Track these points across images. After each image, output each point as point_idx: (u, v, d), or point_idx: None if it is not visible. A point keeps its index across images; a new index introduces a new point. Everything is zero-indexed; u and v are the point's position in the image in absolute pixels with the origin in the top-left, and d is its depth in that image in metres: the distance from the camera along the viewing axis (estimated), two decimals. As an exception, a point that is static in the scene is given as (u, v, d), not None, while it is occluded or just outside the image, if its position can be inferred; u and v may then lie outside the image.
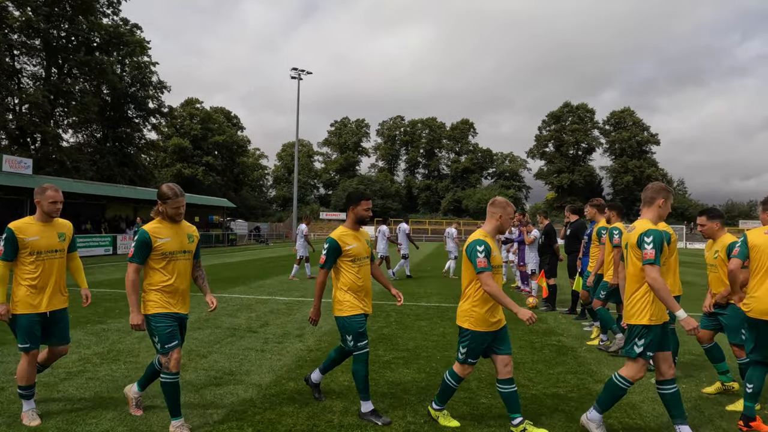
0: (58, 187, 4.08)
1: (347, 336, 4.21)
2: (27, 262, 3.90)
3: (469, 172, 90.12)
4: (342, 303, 4.23)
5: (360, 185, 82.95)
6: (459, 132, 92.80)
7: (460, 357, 3.97)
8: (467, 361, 3.94)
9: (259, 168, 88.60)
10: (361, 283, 4.27)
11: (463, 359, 3.95)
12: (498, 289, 3.76)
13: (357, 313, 4.20)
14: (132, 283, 3.72)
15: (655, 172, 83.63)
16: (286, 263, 20.72)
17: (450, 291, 12.43)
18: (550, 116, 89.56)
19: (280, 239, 55.57)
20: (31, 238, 3.89)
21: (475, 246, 3.80)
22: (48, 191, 3.98)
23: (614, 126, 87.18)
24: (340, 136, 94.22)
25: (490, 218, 4.03)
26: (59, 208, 4.02)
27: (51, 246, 3.98)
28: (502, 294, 3.76)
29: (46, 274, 3.95)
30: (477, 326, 3.89)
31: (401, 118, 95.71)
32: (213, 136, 67.74)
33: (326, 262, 4.24)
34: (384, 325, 7.96)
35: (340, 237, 4.28)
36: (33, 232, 3.92)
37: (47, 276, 3.96)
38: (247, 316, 8.58)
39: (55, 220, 4.06)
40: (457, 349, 4.01)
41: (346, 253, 4.23)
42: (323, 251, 4.29)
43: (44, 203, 3.96)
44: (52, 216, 4.03)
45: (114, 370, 5.37)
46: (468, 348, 3.91)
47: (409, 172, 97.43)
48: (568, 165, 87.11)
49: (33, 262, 3.91)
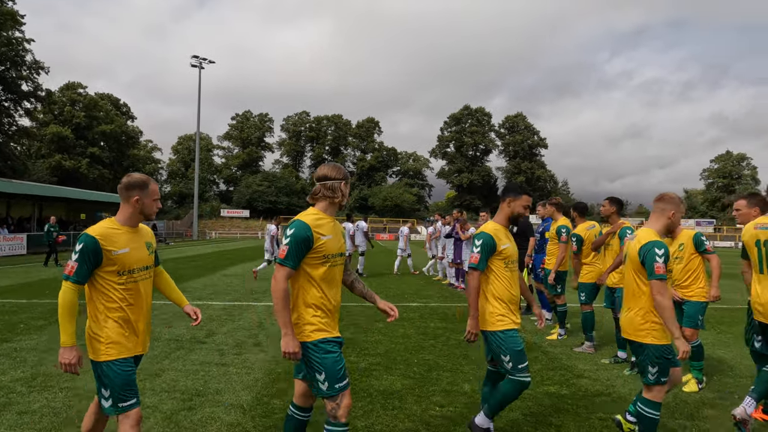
0: None
1: (503, 356, 3.45)
2: (115, 285, 2.74)
3: (375, 170, 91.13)
4: (493, 315, 3.52)
5: (264, 182, 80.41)
6: (365, 130, 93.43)
7: (650, 379, 3.35)
8: (660, 380, 3.36)
9: (151, 161, 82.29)
10: (514, 291, 3.61)
11: (654, 380, 3.35)
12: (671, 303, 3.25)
13: (512, 328, 3.50)
14: (284, 293, 2.71)
15: (544, 174, 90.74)
16: (202, 264, 19.32)
17: (386, 289, 12.27)
18: (451, 118, 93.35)
19: (180, 238, 51.99)
20: (121, 250, 2.74)
21: (653, 248, 3.27)
22: (151, 184, 2.90)
23: (509, 130, 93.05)
24: (242, 131, 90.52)
25: (659, 216, 3.51)
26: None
27: (142, 261, 2.86)
28: (672, 309, 3.24)
29: (139, 302, 2.84)
30: (662, 339, 3.34)
31: (306, 113, 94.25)
32: (99, 125, 61.55)
33: (480, 261, 3.51)
34: (341, 328, 7.54)
35: (495, 233, 3.56)
36: (122, 242, 2.76)
37: (141, 304, 2.85)
38: (185, 325, 7.71)
39: (139, 225, 2.95)
40: (646, 370, 3.36)
41: (500, 252, 3.55)
42: (475, 249, 3.54)
43: (146, 201, 2.86)
44: (151, 219, 3.10)
45: (50, 399, 4.45)
46: (659, 366, 3.33)
47: (314, 169, 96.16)
48: (468, 165, 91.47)
49: (123, 285, 2.76)
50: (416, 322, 8.15)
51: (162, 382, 4.93)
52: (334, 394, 2.74)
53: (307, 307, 2.79)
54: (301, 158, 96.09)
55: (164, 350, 6.16)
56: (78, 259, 2.66)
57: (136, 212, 2.85)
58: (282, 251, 2.73)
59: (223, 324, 7.80)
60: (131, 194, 2.84)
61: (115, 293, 2.76)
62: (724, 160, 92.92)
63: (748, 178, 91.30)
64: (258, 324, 7.81)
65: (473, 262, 3.53)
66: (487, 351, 3.65)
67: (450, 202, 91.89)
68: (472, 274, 3.55)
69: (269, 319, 8.22)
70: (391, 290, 12.20)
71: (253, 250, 31.05)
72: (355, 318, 8.42)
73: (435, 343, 6.76)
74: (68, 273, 2.66)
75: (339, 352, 2.83)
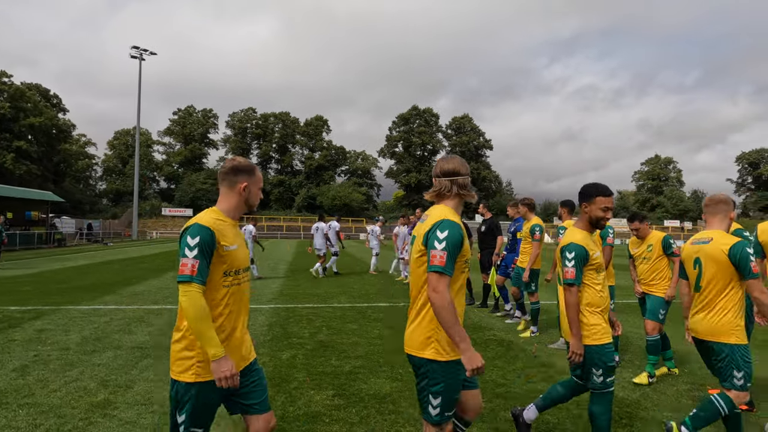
0: None
1: (594, 369, 3.24)
2: (219, 287, 2.36)
3: (323, 168, 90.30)
4: (593, 327, 3.25)
5: (209, 179, 77.76)
6: (313, 128, 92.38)
7: (737, 384, 3.31)
8: (746, 386, 3.33)
9: (85, 157, 77.59)
10: (607, 297, 3.35)
11: (742, 385, 3.31)
12: None
13: (609, 342, 3.29)
14: (453, 305, 2.37)
15: (489, 174, 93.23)
16: (149, 266, 18.35)
17: (350, 290, 12.11)
18: (399, 118, 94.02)
19: (119, 238, 49.31)
20: (231, 246, 2.38)
21: (745, 248, 3.29)
22: (257, 170, 2.57)
23: (455, 130, 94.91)
24: (184, 126, 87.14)
25: (723, 217, 3.55)
26: None
27: (246, 260, 2.51)
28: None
29: (239, 308, 2.45)
30: (744, 339, 3.36)
31: (253, 110, 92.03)
32: (27, 118, 57.28)
33: (577, 276, 3.23)
34: (314, 331, 7.35)
35: (584, 242, 3.27)
36: (231, 237, 2.41)
37: (242, 310, 2.47)
38: (146, 330, 7.24)
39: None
40: (730, 375, 3.34)
41: (592, 261, 3.27)
42: (567, 262, 3.25)
43: (254, 189, 2.53)
44: (252, 212, 2.75)
45: (10, 419, 4.00)
46: (745, 369, 3.32)
47: (261, 167, 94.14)
48: (416, 165, 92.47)
49: (228, 288, 2.38)
50: (388, 322, 8.06)
51: (135, 395, 4.56)
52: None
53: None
54: (247, 156, 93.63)
55: (129, 359, 5.73)
56: (198, 255, 2.25)
57: (242, 202, 2.50)
58: (442, 258, 2.38)
59: (187, 329, 7.38)
60: (238, 180, 2.48)
61: (218, 298, 2.36)
62: (653, 164, 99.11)
63: (674, 181, 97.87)
64: (226, 328, 7.45)
65: (570, 277, 3.22)
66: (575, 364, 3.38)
67: (398, 202, 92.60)
68: (570, 290, 3.23)
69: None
70: (354, 290, 12.05)
71: (201, 251, 29.90)
72: (326, 320, 8.22)
73: (413, 343, 6.69)
74: (191, 273, 2.23)
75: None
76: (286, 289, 12.12)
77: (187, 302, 2.21)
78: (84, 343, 6.40)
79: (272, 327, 7.60)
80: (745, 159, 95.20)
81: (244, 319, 2.51)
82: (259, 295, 10.94)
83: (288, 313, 8.78)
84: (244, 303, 2.49)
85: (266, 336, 7.00)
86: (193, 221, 2.36)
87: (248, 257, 2.61)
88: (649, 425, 4.09)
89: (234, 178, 2.49)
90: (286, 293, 11.35)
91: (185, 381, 2.33)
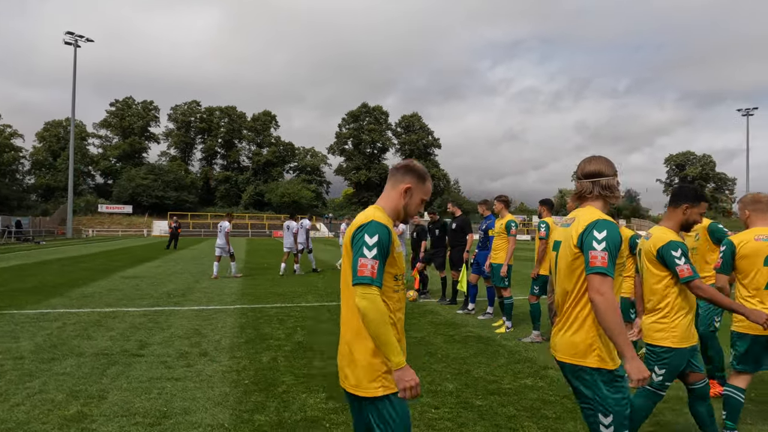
0: None
1: (658, 368, 3.18)
2: (390, 292, 2.16)
3: (272, 165, 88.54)
4: (680, 328, 3.15)
5: (149, 175, 74.39)
6: (260, 123, 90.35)
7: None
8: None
9: (10, 149, 72.24)
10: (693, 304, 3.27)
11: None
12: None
13: (692, 344, 3.20)
14: (617, 308, 2.27)
15: (438, 173, 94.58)
16: (92, 266, 17.26)
17: (314, 288, 11.88)
18: (349, 115, 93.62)
19: (52, 237, 46.18)
20: (398, 248, 2.21)
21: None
22: (429, 181, 2.34)
23: (405, 129, 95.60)
24: (123, 118, 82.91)
25: (764, 215, 3.68)
26: None
27: (404, 264, 2.34)
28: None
29: (402, 315, 2.26)
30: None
31: (197, 103, 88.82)
32: (-57, 105, 52.50)
33: (694, 270, 3.10)
34: (289, 332, 7.12)
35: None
36: (396, 238, 2.20)
37: (403, 317, 2.28)
38: (107, 335, 6.75)
39: None
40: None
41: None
42: (679, 260, 3.10)
43: (416, 198, 2.30)
44: (403, 222, 2.43)
45: (-28, 437, 3.59)
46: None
47: (206, 163, 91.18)
48: (366, 162, 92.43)
49: (397, 294, 2.20)
50: (363, 321, 7.94)
51: (112, 405, 4.22)
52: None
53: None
54: (190, 150, 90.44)
55: (95, 366, 5.31)
56: (377, 255, 2.05)
57: (399, 205, 2.27)
58: (603, 259, 2.27)
59: (151, 333, 6.95)
60: (405, 180, 2.26)
61: (390, 303, 2.13)
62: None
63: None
64: (194, 331, 7.08)
65: (689, 274, 3.07)
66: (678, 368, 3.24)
67: (347, 199, 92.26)
68: (700, 287, 3.10)
69: (204, 325, 7.50)
70: (320, 288, 11.82)
71: (145, 249, 28.51)
72: (299, 320, 7.99)
73: (393, 342, 6.61)
74: (371, 275, 2.02)
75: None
76: (246, 288, 11.72)
77: (369, 306, 1.99)
78: (39, 351, 5.88)
79: (244, 328, 7.30)
80: (672, 161, 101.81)
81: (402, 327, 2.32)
82: (221, 295, 10.51)
83: (256, 314, 8.47)
84: (403, 310, 2.32)
85: (240, 338, 6.71)
86: (369, 218, 2.13)
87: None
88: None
89: (401, 177, 2.28)
90: (248, 293, 10.97)
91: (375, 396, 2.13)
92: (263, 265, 18.53)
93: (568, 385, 2.59)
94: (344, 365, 2.21)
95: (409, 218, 2.34)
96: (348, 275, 2.13)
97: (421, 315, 8.60)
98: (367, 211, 2.21)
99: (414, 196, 2.28)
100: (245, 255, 24.09)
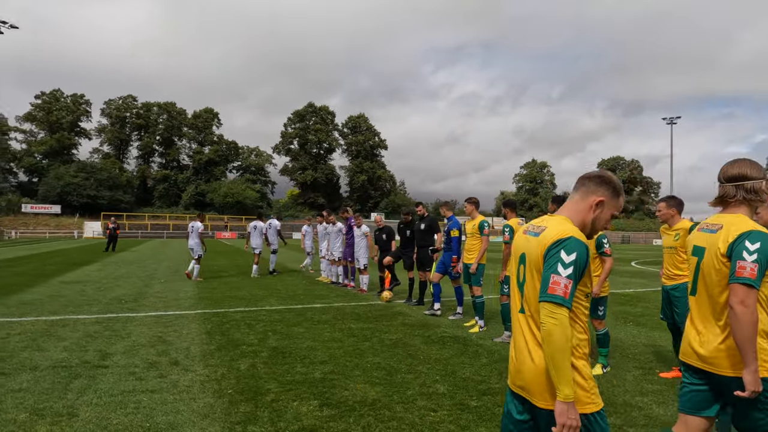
0: None
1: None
2: (581, 311, 2.02)
3: (214, 164, 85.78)
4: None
5: (80, 173, 70.04)
6: (202, 121, 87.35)
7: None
8: None
9: None
10: None
11: None
12: None
13: None
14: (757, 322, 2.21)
15: (385, 174, 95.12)
16: (25, 270, 15.97)
17: (275, 291, 11.54)
18: (295, 114, 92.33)
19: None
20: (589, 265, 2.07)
21: None
22: (623, 197, 2.13)
23: (351, 129, 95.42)
24: (49, 112, 77.60)
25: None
26: None
27: None
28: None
29: (587, 336, 2.09)
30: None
31: (133, 98, 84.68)
32: None
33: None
34: (261, 337, 6.83)
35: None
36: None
37: (588, 337, 2.11)
38: (60, 346, 6.21)
39: None
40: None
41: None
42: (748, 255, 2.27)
43: (607, 212, 2.11)
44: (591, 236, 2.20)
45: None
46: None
47: (143, 161, 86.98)
48: (312, 162, 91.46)
49: (585, 313, 2.05)
50: (335, 324, 7.77)
51: (86, 423, 3.84)
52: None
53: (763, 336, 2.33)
54: (126, 148, 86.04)
55: (56, 381, 4.85)
56: (572, 275, 1.90)
57: (588, 219, 2.10)
58: (752, 271, 2.16)
59: (110, 342, 6.46)
60: (597, 192, 2.09)
61: (579, 323, 2.00)
62: (531, 167, 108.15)
63: (548, 183, 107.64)
64: (158, 338, 6.65)
65: (751, 276, 2.25)
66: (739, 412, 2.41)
67: (293, 200, 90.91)
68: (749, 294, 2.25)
69: (166, 331, 7.07)
70: (280, 291, 11.50)
71: (81, 252, 26.76)
72: (268, 324, 7.70)
73: (371, 345, 6.49)
74: (563, 295, 1.87)
75: None
76: (203, 293, 11.20)
77: (558, 328, 1.85)
78: (-16, 365, 5.30)
79: (212, 334, 6.94)
80: (604, 165, 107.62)
81: None
82: (177, 300, 9.98)
83: (221, 319, 8.09)
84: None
85: (209, 345, 6.36)
86: (567, 233, 1.97)
87: None
88: (629, 408, 4.34)
89: (594, 188, 2.11)
90: (205, 297, 10.48)
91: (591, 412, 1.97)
92: (213, 267, 17.83)
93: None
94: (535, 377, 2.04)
95: (594, 234, 2.18)
96: (532, 286, 2.02)
97: (392, 317, 8.52)
98: (560, 224, 2.04)
99: (605, 211, 2.11)
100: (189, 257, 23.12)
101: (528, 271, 2.06)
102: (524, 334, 2.06)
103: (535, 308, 1.99)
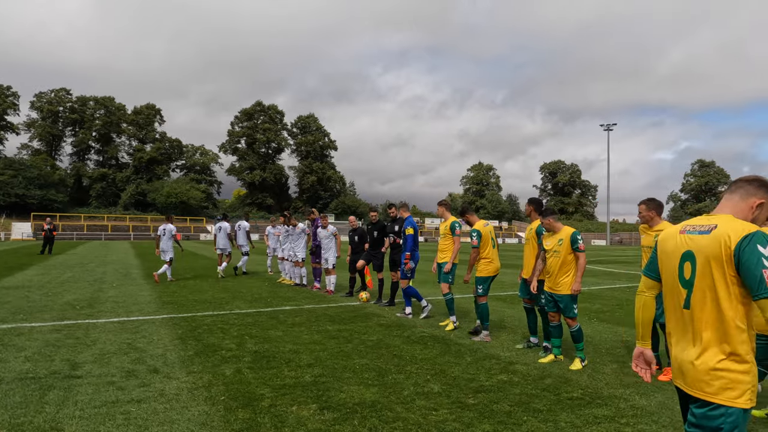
0: None
1: None
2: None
3: (156, 162, 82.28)
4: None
5: (7, 170, 65.30)
6: (143, 117, 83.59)
7: None
8: None
9: None
10: None
11: None
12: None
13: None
14: None
15: (335, 174, 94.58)
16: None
17: (239, 294, 11.24)
18: (242, 113, 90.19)
19: None
20: None
21: None
22: None
23: (301, 129, 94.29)
24: (-29, 104, 71.80)
25: None
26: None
27: None
28: None
29: None
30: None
31: (66, 91, 79.84)
32: None
33: None
34: (239, 341, 6.64)
35: None
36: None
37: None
38: (21, 356, 5.77)
39: None
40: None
41: None
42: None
43: (765, 213, 2.26)
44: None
45: None
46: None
47: (77, 158, 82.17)
48: (260, 162, 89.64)
49: None
50: (311, 326, 7.66)
51: (75, 438, 3.60)
52: None
53: None
54: (58, 144, 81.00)
55: (27, 393, 4.50)
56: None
57: (749, 218, 2.24)
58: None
59: (76, 350, 6.07)
60: (757, 194, 2.24)
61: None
62: (477, 170, 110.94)
63: (494, 185, 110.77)
64: (128, 345, 6.32)
65: None
66: None
67: (240, 200, 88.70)
68: None
69: (135, 338, 6.73)
70: (245, 294, 11.20)
71: (14, 255, 24.94)
72: (242, 328, 7.49)
73: (354, 346, 6.46)
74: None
75: None
76: (164, 296, 10.73)
77: None
78: (-61, 380, 4.85)
79: (185, 340, 6.67)
80: (546, 168, 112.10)
81: None
82: (138, 305, 9.51)
83: (190, 324, 7.79)
84: None
85: (186, 351, 6.11)
86: (751, 229, 2.12)
87: None
88: (616, 399, 4.56)
89: (754, 191, 2.26)
90: (168, 301, 10.05)
91: (743, 407, 2.08)
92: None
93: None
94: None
95: None
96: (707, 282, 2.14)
97: (366, 317, 8.51)
98: (733, 221, 2.17)
99: (764, 212, 2.28)
100: (138, 261, 22.11)
101: (700, 268, 2.17)
102: (691, 329, 2.21)
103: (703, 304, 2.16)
